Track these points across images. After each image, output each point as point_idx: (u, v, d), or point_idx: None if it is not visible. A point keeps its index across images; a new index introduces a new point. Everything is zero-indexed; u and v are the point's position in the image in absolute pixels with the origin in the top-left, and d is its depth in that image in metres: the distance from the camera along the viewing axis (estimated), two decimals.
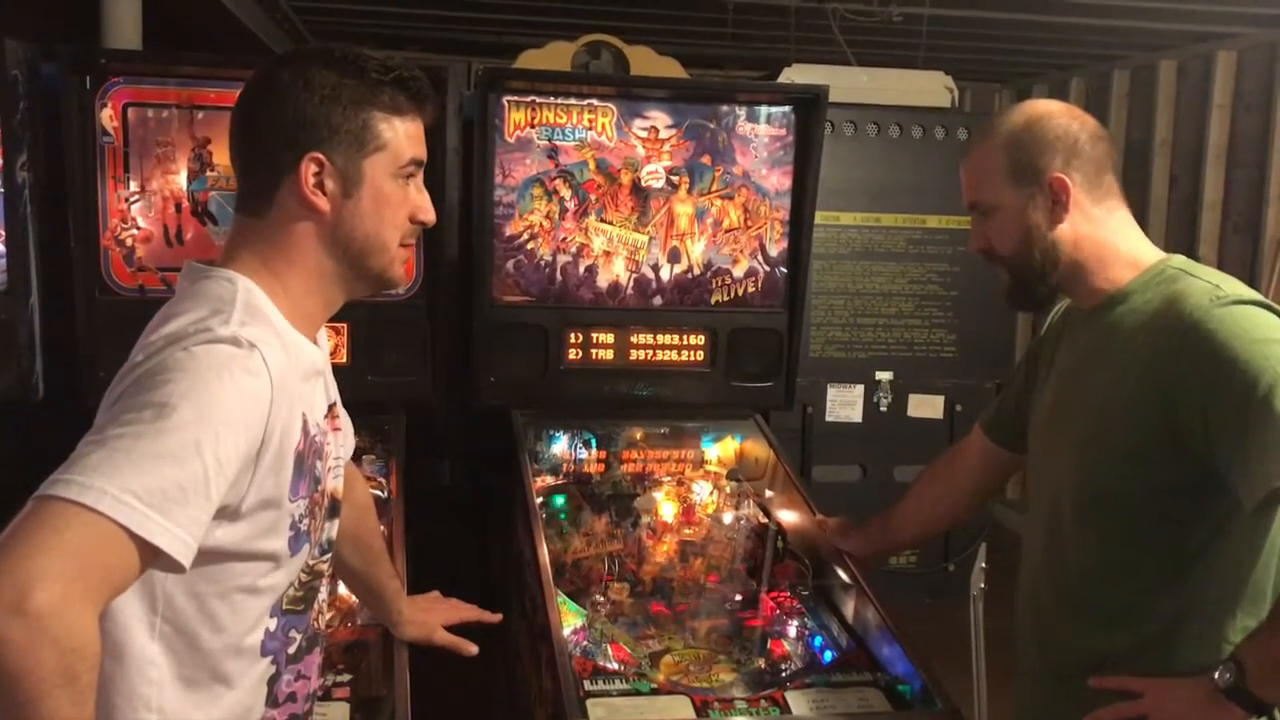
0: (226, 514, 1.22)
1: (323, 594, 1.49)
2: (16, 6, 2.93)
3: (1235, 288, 1.54)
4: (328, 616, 1.54)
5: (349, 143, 1.33)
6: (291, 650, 1.41)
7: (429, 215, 1.43)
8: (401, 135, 1.37)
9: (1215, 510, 1.53)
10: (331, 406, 1.48)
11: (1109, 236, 1.66)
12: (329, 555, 1.47)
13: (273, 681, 1.39)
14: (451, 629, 1.97)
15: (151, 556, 1.11)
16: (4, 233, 2.49)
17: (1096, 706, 1.59)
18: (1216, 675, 1.46)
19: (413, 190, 1.41)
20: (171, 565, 1.13)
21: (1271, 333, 1.47)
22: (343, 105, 1.33)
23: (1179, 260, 1.64)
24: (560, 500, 2.63)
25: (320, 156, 1.32)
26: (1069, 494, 1.67)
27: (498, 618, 2.03)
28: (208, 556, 1.21)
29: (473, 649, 1.95)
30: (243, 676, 1.34)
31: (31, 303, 2.53)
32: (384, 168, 1.36)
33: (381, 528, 2.01)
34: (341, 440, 1.52)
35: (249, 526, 1.26)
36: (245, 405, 1.20)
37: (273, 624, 1.36)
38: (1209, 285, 1.55)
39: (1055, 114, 1.67)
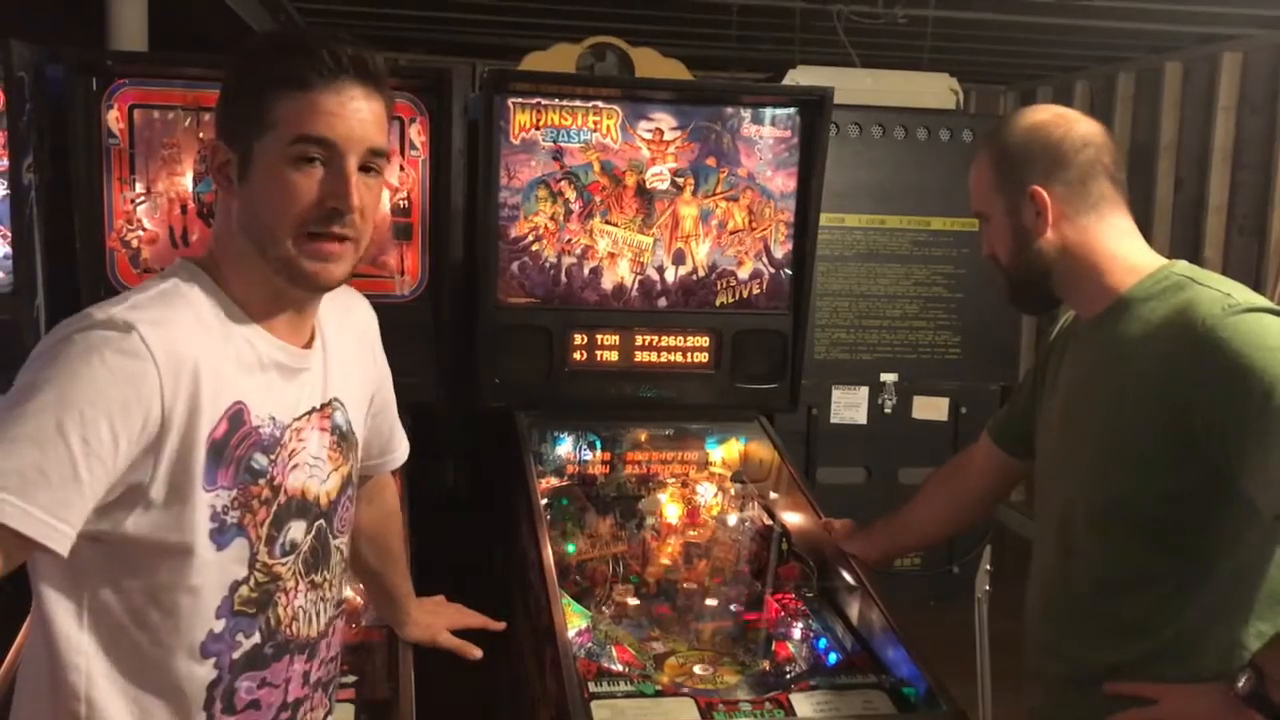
0: (135, 500, 1.21)
1: (296, 600, 1.39)
2: (22, 8, 2.94)
3: (1246, 295, 1.54)
4: (323, 622, 1.45)
5: (246, 124, 1.28)
6: (237, 655, 1.33)
7: (334, 200, 1.27)
8: (295, 111, 1.26)
9: (1229, 517, 1.53)
10: (325, 405, 1.43)
11: (1101, 243, 1.65)
12: (290, 558, 1.37)
13: (214, 685, 1.32)
14: (456, 633, 1.97)
15: (19, 542, 1.10)
16: (10, 234, 2.49)
17: (1110, 713, 1.58)
18: (1236, 682, 1.45)
19: (319, 172, 1.27)
20: (47, 552, 1.12)
21: None
22: (244, 85, 1.29)
23: (1182, 266, 1.64)
24: (564, 502, 2.63)
25: (221, 142, 1.31)
26: (1081, 503, 1.66)
27: (501, 626, 2.03)
28: (122, 548, 1.21)
29: (476, 653, 1.95)
30: (178, 676, 1.30)
31: (37, 304, 2.53)
32: (272, 148, 1.27)
33: None
34: (323, 441, 1.43)
35: (160, 516, 1.23)
36: (119, 385, 1.17)
37: (219, 625, 1.31)
38: (1220, 294, 1.54)
39: (1042, 124, 1.67)
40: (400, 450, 1.75)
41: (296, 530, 1.38)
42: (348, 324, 1.52)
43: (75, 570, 1.23)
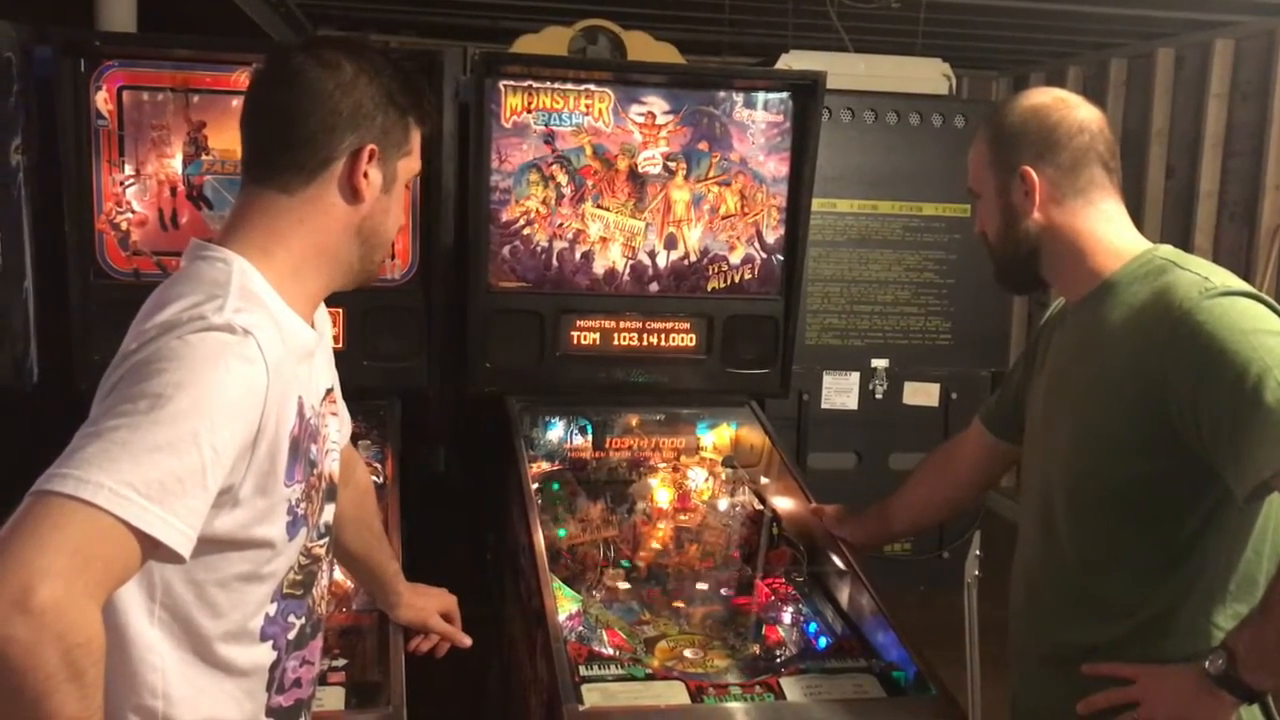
0: (224, 501, 1.22)
1: (324, 579, 1.49)
2: None
3: (1224, 279, 1.55)
4: (328, 599, 1.54)
5: (394, 142, 1.41)
6: (292, 635, 1.40)
7: (402, 220, 1.53)
8: (417, 145, 1.46)
9: (1206, 499, 1.54)
10: (329, 390, 1.48)
11: (1088, 226, 1.67)
12: (326, 539, 1.46)
13: (274, 667, 1.38)
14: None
15: (152, 548, 1.11)
16: None
17: (1088, 693, 1.60)
18: (1208, 663, 1.47)
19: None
20: (171, 556, 1.12)
21: (1260, 323, 1.47)
22: (396, 106, 1.40)
23: (1166, 250, 1.65)
24: (556, 486, 2.63)
25: (375, 149, 1.38)
26: (1061, 484, 1.68)
27: (467, 642, 2.00)
28: (206, 545, 1.21)
29: (466, 641, 1.97)
30: (244, 662, 1.34)
31: (26, 286, 2.52)
32: (405, 172, 1.45)
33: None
34: (338, 425, 1.52)
35: (246, 513, 1.26)
36: (241, 393, 1.19)
37: (272, 609, 1.36)
38: (1198, 277, 1.55)
39: (1041, 107, 1.69)
40: (349, 422, 1.75)
41: (328, 513, 1.46)
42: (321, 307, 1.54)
43: (148, 568, 1.23)
